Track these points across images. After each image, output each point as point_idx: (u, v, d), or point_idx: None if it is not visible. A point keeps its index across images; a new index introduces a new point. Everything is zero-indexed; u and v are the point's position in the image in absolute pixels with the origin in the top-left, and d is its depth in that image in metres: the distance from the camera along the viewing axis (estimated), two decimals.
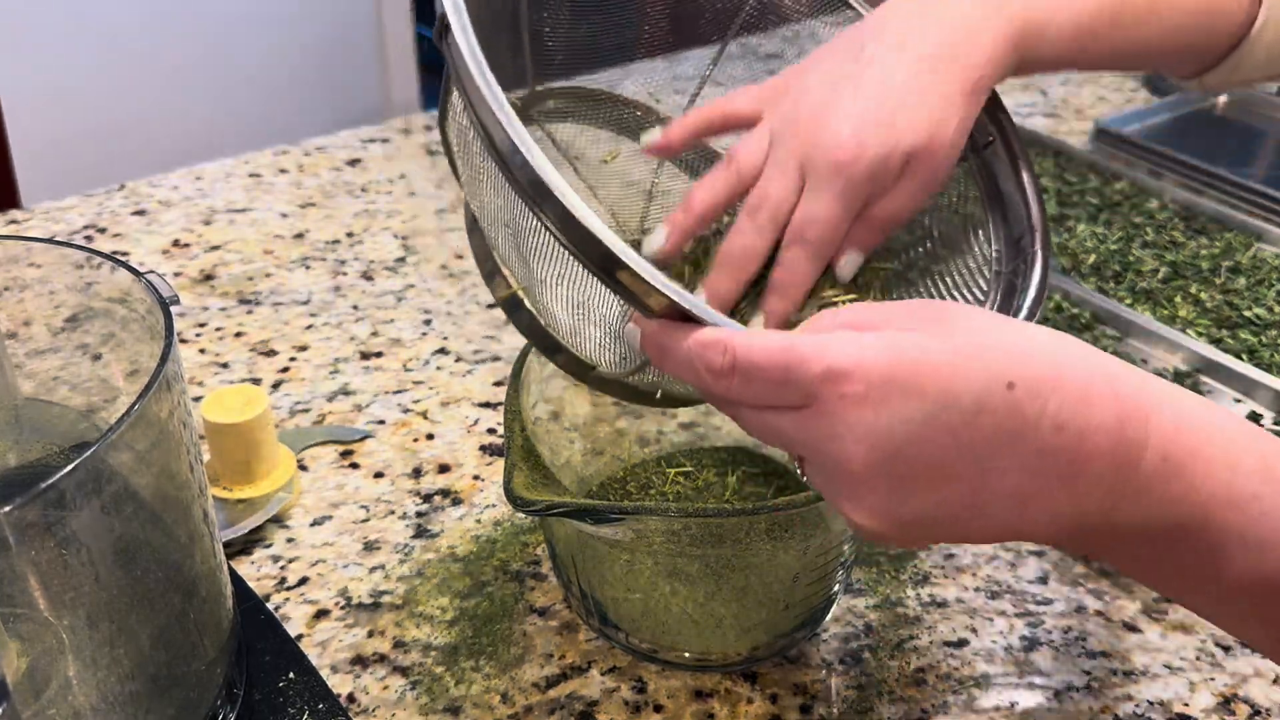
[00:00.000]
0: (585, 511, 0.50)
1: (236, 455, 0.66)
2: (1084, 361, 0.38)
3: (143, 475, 0.44)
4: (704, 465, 0.68)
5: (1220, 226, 1.04)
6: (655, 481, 0.67)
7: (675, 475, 0.67)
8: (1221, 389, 0.82)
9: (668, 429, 0.71)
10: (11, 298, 0.55)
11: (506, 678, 0.59)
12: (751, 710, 0.57)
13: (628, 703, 0.57)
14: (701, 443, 0.71)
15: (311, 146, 1.17)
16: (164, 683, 0.48)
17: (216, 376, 0.81)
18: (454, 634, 0.61)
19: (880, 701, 0.58)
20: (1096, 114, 1.32)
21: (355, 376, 0.81)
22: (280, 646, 0.59)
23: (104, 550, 0.43)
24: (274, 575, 0.64)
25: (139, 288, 0.49)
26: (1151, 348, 0.86)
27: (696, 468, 0.68)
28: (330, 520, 0.68)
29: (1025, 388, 0.36)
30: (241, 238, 0.99)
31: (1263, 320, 0.89)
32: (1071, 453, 0.36)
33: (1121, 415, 0.37)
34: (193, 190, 1.07)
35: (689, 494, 0.66)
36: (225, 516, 0.66)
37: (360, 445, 0.75)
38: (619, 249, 0.40)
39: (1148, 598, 0.65)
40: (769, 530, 0.51)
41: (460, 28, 0.43)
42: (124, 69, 2.36)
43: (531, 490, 0.50)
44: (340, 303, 0.90)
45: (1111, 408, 0.37)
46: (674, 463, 0.68)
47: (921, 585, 0.65)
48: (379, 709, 0.57)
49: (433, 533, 0.68)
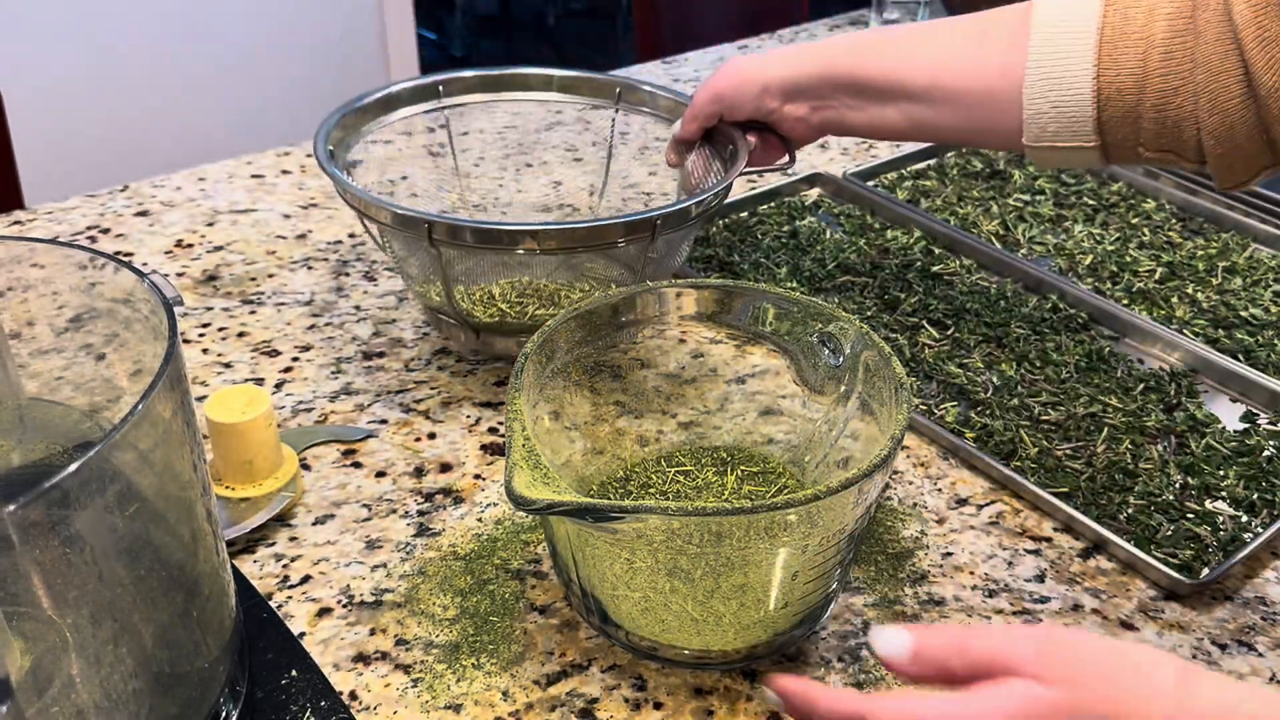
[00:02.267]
0: (585, 510, 0.50)
1: (239, 455, 0.66)
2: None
3: (146, 475, 0.44)
4: (703, 464, 0.69)
5: (1216, 227, 1.04)
6: (655, 480, 0.67)
7: (675, 474, 0.67)
8: (1218, 389, 0.82)
9: (667, 429, 0.72)
10: (15, 298, 0.55)
11: (507, 675, 0.59)
12: (750, 708, 0.58)
13: (628, 700, 0.58)
14: (701, 442, 0.71)
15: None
16: (167, 681, 0.49)
17: (219, 376, 0.81)
18: (455, 632, 0.61)
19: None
20: None
21: (357, 376, 0.82)
22: (283, 644, 0.59)
23: (107, 549, 0.44)
24: (277, 574, 0.65)
25: (142, 288, 0.49)
26: (1148, 348, 0.86)
27: (696, 467, 0.68)
28: (332, 519, 0.69)
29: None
30: (244, 238, 1.00)
31: (1259, 320, 0.89)
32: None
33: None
34: (195, 191, 1.08)
35: (689, 493, 0.66)
36: (228, 515, 0.66)
37: (362, 444, 0.75)
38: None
39: (1144, 596, 0.65)
40: (768, 529, 0.52)
41: None
42: (127, 70, 2.37)
43: (532, 489, 0.50)
44: (343, 303, 0.91)
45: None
46: (674, 462, 0.69)
47: (919, 583, 0.65)
48: (381, 706, 0.57)
49: (434, 531, 0.68)
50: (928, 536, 0.69)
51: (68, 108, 2.30)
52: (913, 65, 0.74)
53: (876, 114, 0.77)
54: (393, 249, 0.77)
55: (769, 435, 0.70)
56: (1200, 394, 0.81)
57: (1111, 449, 0.75)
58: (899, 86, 0.74)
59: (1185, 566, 0.66)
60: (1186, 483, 0.72)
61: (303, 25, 2.60)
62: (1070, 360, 0.83)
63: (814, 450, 0.67)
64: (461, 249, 0.73)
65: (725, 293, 0.66)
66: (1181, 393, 0.81)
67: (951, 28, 0.74)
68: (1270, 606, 0.65)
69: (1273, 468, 0.74)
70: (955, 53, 0.72)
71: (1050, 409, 0.78)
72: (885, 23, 1.57)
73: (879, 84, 0.75)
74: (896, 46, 0.75)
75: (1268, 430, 0.78)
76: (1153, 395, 0.80)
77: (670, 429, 0.72)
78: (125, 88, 2.37)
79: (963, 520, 0.70)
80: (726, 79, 0.81)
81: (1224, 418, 0.79)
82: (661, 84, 0.93)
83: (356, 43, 2.72)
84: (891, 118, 0.76)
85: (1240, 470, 0.73)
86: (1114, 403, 0.79)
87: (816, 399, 0.66)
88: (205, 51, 2.46)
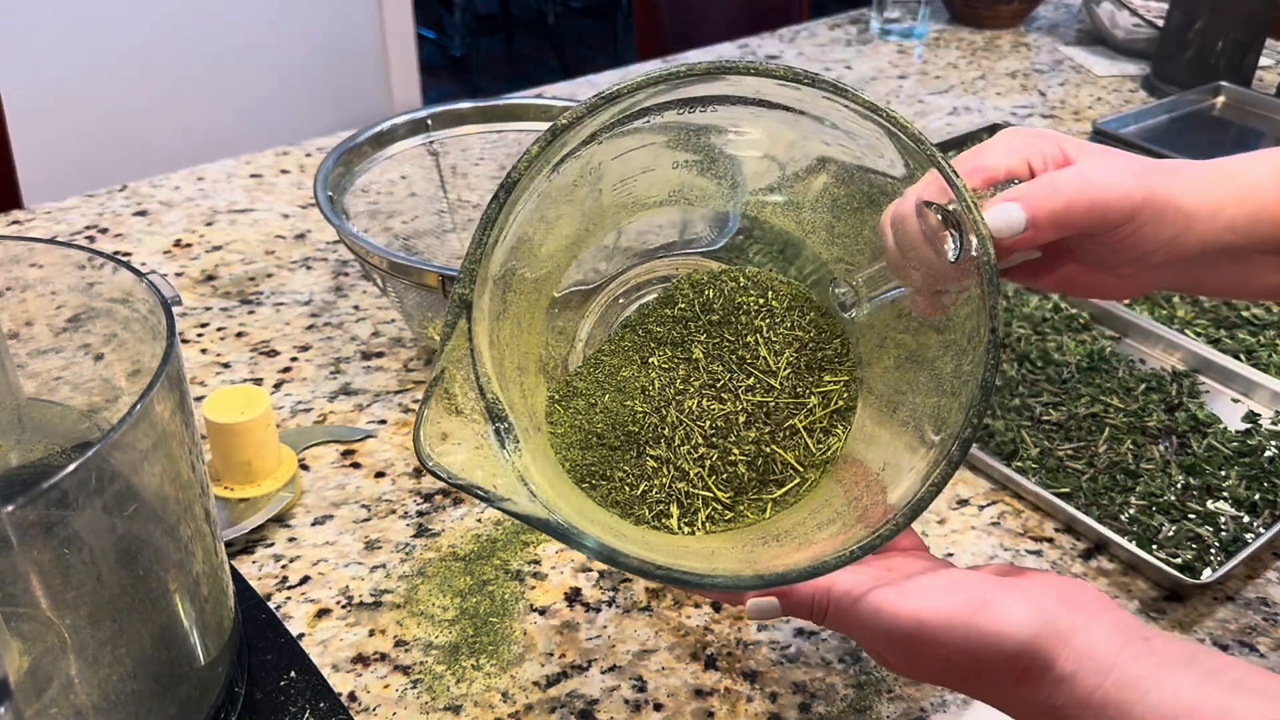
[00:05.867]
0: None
1: (238, 455, 0.66)
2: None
3: (145, 475, 0.44)
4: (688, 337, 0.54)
5: None
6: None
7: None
8: (1220, 389, 0.82)
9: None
10: (14, 298, 0.55)
11: (507, 676, 0.59)
12: (751, 709, 0.57)
13: (628, 701, 0.58)
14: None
15: (313, 147, 1.17)
16: (166, 682, 0.49)
17: (218, 376, 0.81)
18: (455, 633, 0.61)
19: (879, 700, 0.58)
20: (1094, 115, 1.32)
21: (356, 376, 0.82)
22: (282, 645, 0.59)
23: (106, 549, 0.44)
24: (275, 574, 0.65)
25: (141, 288, 0.49)
26: (1149, 348, 0.86)
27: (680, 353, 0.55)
28: (332, 520, 0.69)
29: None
30: (243, 238, 1.00)
31: (1260, 320, 0.89)
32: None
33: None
34: (194, 191, 1.07)
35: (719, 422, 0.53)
36: (227, 516, 0.66)
37: (361, 445, 0.75)
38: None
39: (1145, 596, 0.65)
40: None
41: None
42: (126, 70, 2.37)
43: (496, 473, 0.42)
44: (341, 303, 0.90)
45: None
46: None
47: None
48: (380, 707, 0.57)
49: (434, 532, 0.68)
50: (929, 537, 0.68)
51: (66, 107, 2.30)
52: None
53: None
54: (394, 291, 0.77)
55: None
56: (1202, 394, 0.81)
57: (1113, 449, 0.75)
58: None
59: (1187, 567, 0.66)
60: (1188, 483, 0.72)
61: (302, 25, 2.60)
62: (1072, 360, 0.83)
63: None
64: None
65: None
66: (1183, 393, 0.81)
67: None
68: (1272, 607, 0.65)
69: (1274, 468, 0.73)
70: None
71: (1052, 409, 0.78)
72: (886, 22, 1.57)
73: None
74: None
75: (1269, 430, 0.77)
76: (1154, 395, 0.80)
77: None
78: (124, 87, 2.37)
79: (964, 521, 0.70)
80: (1133, 188, 0.49)
81: (1225, 418, 0.78)
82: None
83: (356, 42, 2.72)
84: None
85: (1242, 470, 0.73)
86: (1115, 403, 0.79)
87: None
88: (204, 51, 2.46)
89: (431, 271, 0.70)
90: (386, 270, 0.72)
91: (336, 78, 2.72)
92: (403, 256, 0.71)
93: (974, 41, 1.57)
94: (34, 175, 1.74)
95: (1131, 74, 1.46)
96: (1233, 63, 1.33)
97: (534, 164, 0.43)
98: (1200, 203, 0.50)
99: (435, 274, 0.70)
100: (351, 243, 0.74)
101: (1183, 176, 0.50)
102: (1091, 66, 1.48)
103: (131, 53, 2.36)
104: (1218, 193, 0.50)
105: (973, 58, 1.51)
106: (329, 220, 0.74)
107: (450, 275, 0.70)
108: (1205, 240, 0.50)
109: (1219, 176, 0.51)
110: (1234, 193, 0.50)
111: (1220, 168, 0.51)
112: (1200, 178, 0.50)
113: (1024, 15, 1.63)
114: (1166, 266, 0.51)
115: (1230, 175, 0.51)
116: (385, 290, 0.77)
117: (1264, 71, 1.45)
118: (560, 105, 0.91)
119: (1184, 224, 0.50)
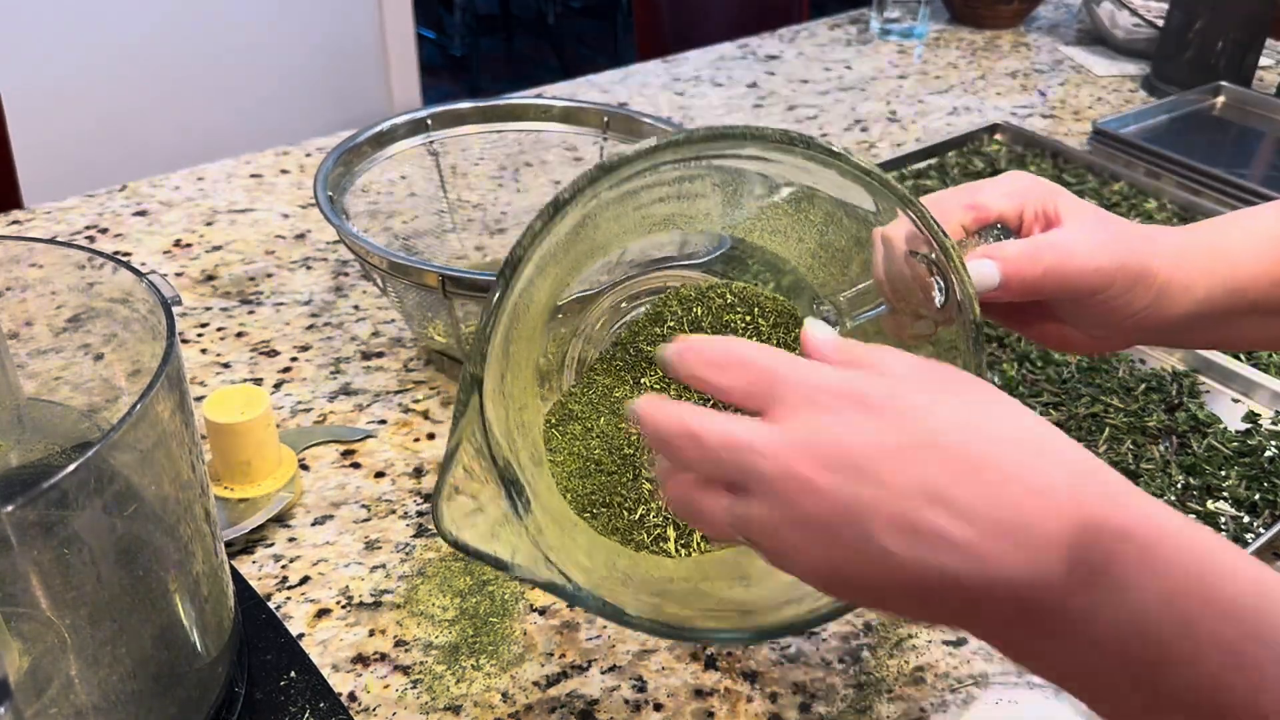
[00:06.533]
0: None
1: (238, 455, 0.66)
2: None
3: (144, 475, 0.44)
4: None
5: None
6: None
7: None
8: (1220, 389, 0.82)
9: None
10: (13, 298, 0.55)
11: (507, 676, 0.59)
12: (751, 709, 0.57)
13: (628, 701, 0.58)
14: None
15: (313, 147, 1.17)
16: (165, 682, 0.49)
17: (218, 376, 0.81)
18: (455, 633, 0.61)
19: (879, 700, 0.58)
20: (1094, 115, 1.32)
21: (356, 376, 0.82)
22: (282, 645, 0.59)
23: (106, 550, 0.44)
24: (275, 574, 0.65)
25: (141, 288, 0.49)
26: (1149, 348, 0.86)
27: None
28: (331, 520, 0.69)
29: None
30: (243, 238, 1.00)
31: None
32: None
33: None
34: (194, 190, 1.07)
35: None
36: (227, 516, 0.66)
37: (361, 445, 0.75)
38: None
39: None
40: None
41: None
42: (126, 69, 2.37)
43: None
44: (341, 303, 0.90)
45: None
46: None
47: None
48: (380, 708, 0.57)
49: (433, 532, 0.68)
50: None
51: (66, 107, 2.30)
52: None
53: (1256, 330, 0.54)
54: (394, 291, 0.77)
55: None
56: (1202, 394, 0.81)
57: (1113, 449, 0.75)
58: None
59: None
60: (1188, 483, 0.72)
61: (302, 25, 2.60)
62: (1072, 360, 0.83)
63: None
64: (475, 297, 0.71)
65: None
66: (1183, 393, 0.81)
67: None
68: None
69: (1274, 468, 0.73)
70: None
71: (1052, 409, 0.78)
72: (886, 22, 1.57)
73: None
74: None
75: (1269, 430, 0.77)
76: (1154, 395, 0.80)
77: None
78: (124, 87, 2.37)
79: None
80: (1107, 262, 0.50)
81: (1226, 418, 0.78)
82: (651, 112, 0.90)
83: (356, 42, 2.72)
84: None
85: (1242, 471, 0.73)
86: (1115, 403, 0.79)
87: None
88: (204, 51, 2.46)
89: (431, 271, 0.70)
90: (386, 270, 0.72)
91: (336, 78, 2.72)
92: (403, 256, 0.71)
93: (974, 41, 1.57)
94: (34, 175, 1.74)
95: (1131, 74, 1.46)
96: (1233, 63, 1.33)
97: (537, 239, 0.44)
98: (1174, 276, 0.51)
99: (435, 274, 0.70)
100: (351, 243, 0.74)
101: (1160, 246, 0.51)
102: (1091, 66, 1.48)
103: (131, 53, 2.36)
104: (1193, 266, 0.51)
105: (973, 58, 1.51)
106: (329, 220, 0.74)
107: (450, 275, 0.70)
108: (1182, 310, 0.51)
109: (1195, 248, 0.51)
110: (1209, 266, 0.51)
111: (1197, 239, 0.52)
112: (1176, 249, 0.51)
113: (1024, 15, 1.63)
114: (1139, 330, 0.52)
115: (1207, 248, 0.51)
116: (385, 290, 0.77)
117: (1264, 71, 1.45)
118: (560, 105, 0.90)
119: (1157, 294, 0.51)
